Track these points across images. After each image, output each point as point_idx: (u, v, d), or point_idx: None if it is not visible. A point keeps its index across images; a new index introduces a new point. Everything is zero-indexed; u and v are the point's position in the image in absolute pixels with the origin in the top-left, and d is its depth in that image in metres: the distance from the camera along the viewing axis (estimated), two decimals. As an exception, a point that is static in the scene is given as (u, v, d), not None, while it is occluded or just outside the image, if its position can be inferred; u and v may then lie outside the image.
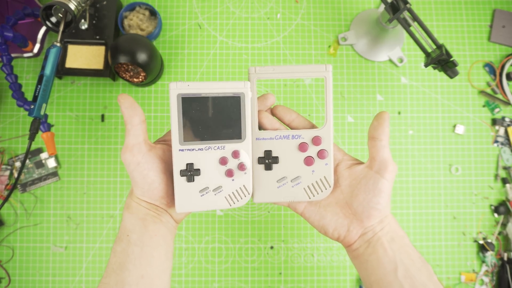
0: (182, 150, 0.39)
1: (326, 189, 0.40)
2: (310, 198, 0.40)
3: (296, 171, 0.40)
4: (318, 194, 0.40)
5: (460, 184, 0.65)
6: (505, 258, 0.62)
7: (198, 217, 0.64)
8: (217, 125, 0.40)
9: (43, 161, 0.64)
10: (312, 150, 0.39)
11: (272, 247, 0.64)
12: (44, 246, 0.63)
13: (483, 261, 0.63)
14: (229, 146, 0.39)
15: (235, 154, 0.39)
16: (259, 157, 0.40)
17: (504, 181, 0.65)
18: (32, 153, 0.64)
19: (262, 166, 0.40)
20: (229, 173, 0.39)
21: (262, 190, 0.41)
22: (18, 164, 0.64)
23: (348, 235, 0.38)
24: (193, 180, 0.39)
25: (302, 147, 0.39)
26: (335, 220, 0.39)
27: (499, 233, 0.64)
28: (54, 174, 0.64)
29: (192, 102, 0.38)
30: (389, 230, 0.38)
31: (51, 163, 0.64)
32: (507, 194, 0.65)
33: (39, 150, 0.65)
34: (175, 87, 0.38)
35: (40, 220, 0.64)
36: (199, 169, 0.39)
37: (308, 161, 0.40)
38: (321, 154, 0.39)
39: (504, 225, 0.64)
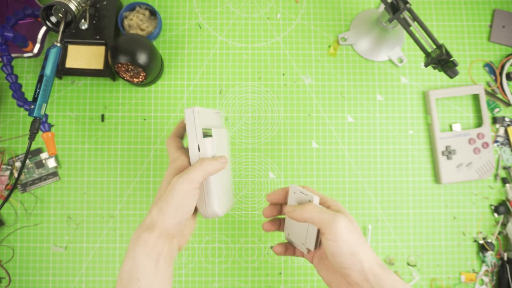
0: None
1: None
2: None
3: None
4: None
5: (460, 184, 0.65)
6: (505, 258, 0.62)
7: (198, 217, 0.64)
8: None
9: (43, 161, 0.64)
10: None
11: (272, 247, 0.64)
12: (44, 246, 0.63)
13: (483, 261, 0.63)
14: None
15: None
16: None
17: (504, 181, 0.65)
18: (32, 153, 0.64)
19: None
20: None
21: None
22: (18, 164, 0.64)
23: None
24: None
25: None
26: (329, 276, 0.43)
27: (499, 233, 0.64)
28: (54, 174, 0.64)
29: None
30: None
31: (51, 163, 0.64)
32: (507, 194, 0.65)
33: (39, 150, 0.65)
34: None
35: (40, 220, 0.64)
36: None
37: None
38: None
39: (504, 225, 0.64)
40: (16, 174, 0.64)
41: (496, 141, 0.66)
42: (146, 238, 0.38)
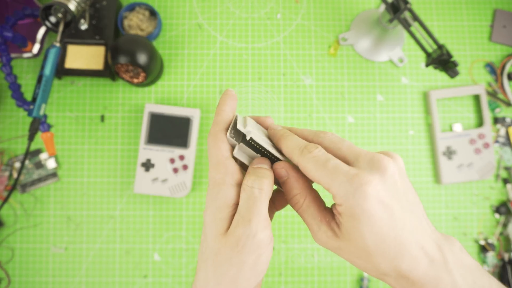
0: (145, 148, 0.61)
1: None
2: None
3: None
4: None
5: (461, 184, 0.65)
6: (506, 259, 0.62)
7: (198, 218, 0.64)
8: (171, 135, 0.61)
9: (43, 162, 0.64)
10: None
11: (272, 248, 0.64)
12: (44, 247, 0.63)
13: (484, 262, 0.63)
14: (177, 151, 0.61)
15: (181, 157, 0.61)
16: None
17: (505, 181, 0.65)
18: (31, 154, 0.64)
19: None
20: (175, 170, 0.60)
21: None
22: (17, 164, 0.64)
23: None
24: (149, 171, 0.61)
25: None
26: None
27: (500, 234, 0.64)
28: (53, 174, 0.64)
29: (157, 118, 0.62)
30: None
31: (51, 163, 0.64)
32: (508, 194, 0.64)
33: (39, 151, 0.64)
34: (148, 107, 0.62)
35: (39, 220, 0.63)
36: (154, 164, 0.61)
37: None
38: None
39: (505, 225, 0.64)
40: (15, 175, 0.64)
41: (497, 142, 0.66)
42: None
